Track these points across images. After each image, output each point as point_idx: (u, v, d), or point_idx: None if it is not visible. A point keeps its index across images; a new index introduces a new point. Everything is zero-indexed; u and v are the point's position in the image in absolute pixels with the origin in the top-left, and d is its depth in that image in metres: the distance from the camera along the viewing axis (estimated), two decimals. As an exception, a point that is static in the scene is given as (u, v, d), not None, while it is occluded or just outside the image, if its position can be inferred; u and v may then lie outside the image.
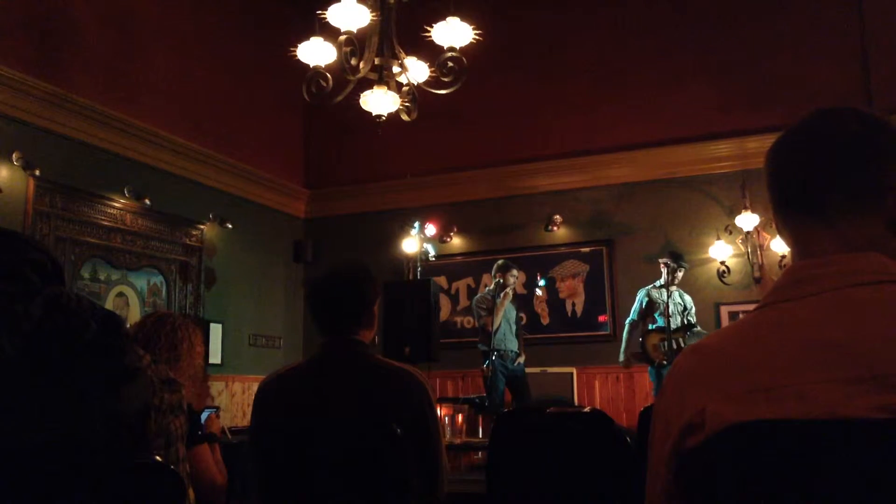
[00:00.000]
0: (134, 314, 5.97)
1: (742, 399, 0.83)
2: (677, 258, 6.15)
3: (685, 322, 6.03)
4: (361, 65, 4.05)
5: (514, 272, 6.21)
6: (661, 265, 6.15)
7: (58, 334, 0.87)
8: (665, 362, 5.81)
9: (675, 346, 5.79)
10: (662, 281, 6.13)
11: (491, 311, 6.03)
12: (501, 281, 6.09)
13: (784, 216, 1.02)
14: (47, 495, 0.82)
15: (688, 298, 6.20)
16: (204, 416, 2.60)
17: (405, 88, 4.29)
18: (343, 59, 3.87)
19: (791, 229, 1.01)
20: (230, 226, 7.06)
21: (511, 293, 6.16)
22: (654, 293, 6.16)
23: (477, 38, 3.94)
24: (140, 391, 0.93)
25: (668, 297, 6.00)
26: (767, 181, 1.04)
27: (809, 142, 1.00)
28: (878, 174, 0.95)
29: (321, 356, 2.21)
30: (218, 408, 5.82)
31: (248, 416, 2.36)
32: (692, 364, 0.93)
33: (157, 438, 1.69)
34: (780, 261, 6.51)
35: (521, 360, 6.21)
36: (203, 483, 2.32)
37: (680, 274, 6.12)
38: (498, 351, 5.97)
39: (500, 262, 6.25)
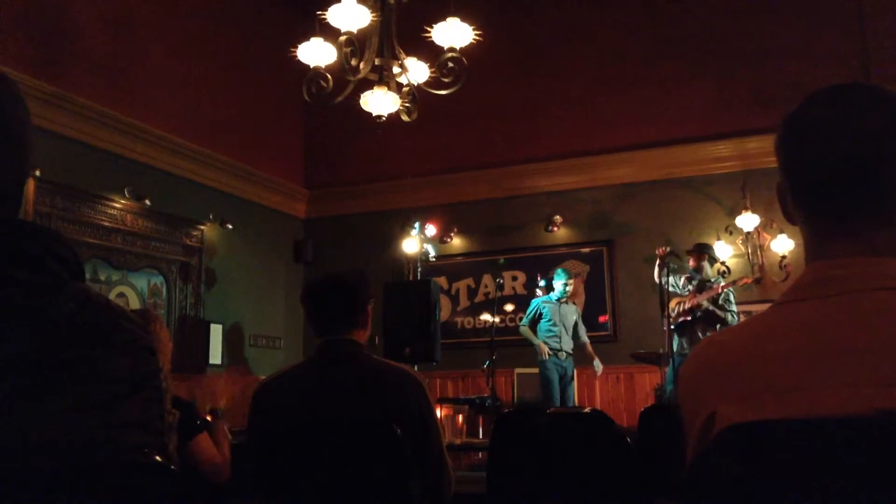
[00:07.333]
0: (134, 314, 5.97)
1: (752, 399, 0.82)
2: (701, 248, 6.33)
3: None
4: (361, 65, 4.04)
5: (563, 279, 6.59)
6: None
7: (90, 331, 0.85)
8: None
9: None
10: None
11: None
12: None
13: (801, 211, 0.96)
14: (47, 495, 0.81)
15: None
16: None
17: (405, 89, 4.29)
18: (343, 60, 3.87)
19: (808, 226, 0.95)
20: (230, 226, 7.05)
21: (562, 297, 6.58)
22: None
23: (477, 38, 3.93)
24: (162, 393, 0.92)
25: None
26: (781, 168, 0.97)
27: (827, 138, 0.91)
28: None
29: (317, 357, 2.22)
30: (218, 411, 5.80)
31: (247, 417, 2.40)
32: (709, 358, 0.92)
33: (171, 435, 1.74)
34: (781, 261, 6.49)
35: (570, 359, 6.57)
36: (207, 467, 2.48)
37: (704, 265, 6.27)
38: (554, 350, 6.39)
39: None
